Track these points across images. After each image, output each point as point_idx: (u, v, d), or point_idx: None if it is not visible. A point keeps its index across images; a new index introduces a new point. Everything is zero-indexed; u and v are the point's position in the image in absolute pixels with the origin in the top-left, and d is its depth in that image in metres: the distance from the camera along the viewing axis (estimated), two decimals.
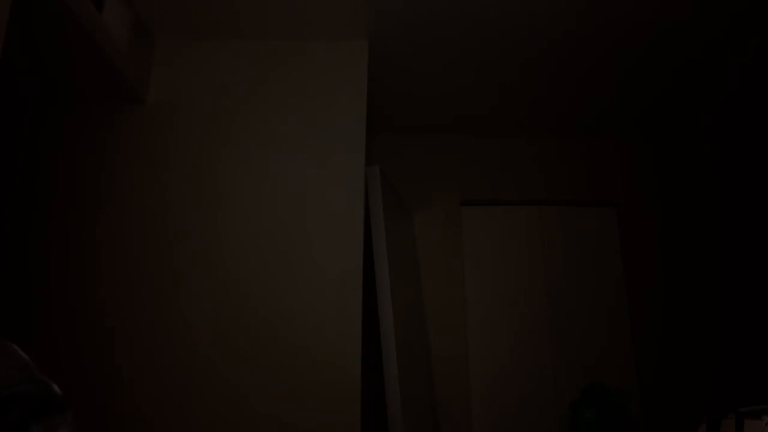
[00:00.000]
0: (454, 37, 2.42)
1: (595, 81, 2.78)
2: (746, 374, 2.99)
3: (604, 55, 2.56)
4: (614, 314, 3.12)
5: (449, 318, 3.11)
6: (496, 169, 3.33)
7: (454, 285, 3.16)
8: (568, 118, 3.18)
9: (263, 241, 2.21)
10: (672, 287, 3.16)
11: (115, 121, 2.32)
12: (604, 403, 2.54)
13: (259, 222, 2.23)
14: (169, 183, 2.26)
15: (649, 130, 3.30)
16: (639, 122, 3.22)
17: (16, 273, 2.15)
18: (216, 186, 2.26)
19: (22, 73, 2.17)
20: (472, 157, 3.35)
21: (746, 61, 2.59)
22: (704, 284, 3.14)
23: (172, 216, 2.22)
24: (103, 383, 2.05)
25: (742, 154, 3.34)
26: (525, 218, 3.26)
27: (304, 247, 2.21)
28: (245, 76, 2.39)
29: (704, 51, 2.52)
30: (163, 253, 2.18)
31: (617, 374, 3.02)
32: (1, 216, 2.21)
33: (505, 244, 3.22)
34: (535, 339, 3.08)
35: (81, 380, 2.04)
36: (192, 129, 2.32)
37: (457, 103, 3.00)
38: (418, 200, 3.27)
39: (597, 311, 3.11)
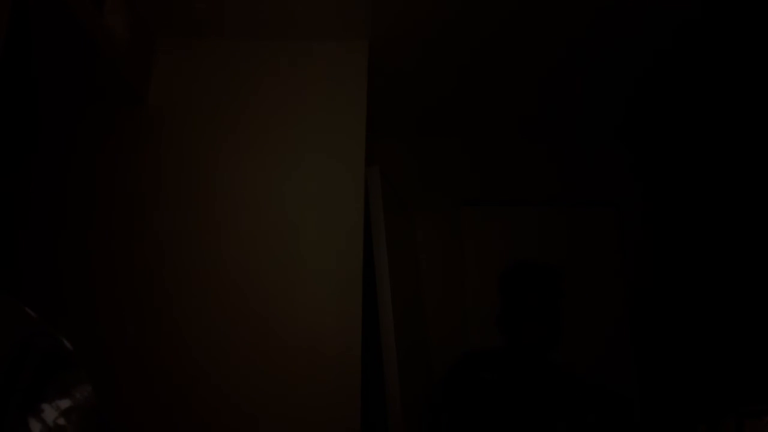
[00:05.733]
0: (456, 39, 2.42)
1: (595, 82, 2.78)
2: (746, 374, 2.99)
3: (605, 57, 2.56)
4: (614, 314, 3.12)
5: (449, 318, 3.11)
6: (496, 170, 3.33)
7: (454, 285, 3.16)
8: (568, 119, 3.18)
9: (262, 241, 2.21)
10: (671, 287, 3.16)
11: (115, 121, 2.31)
12: None
13: (258, 222, 2.23)
14: (168, 183, 2.25)
15: (648, 130, 3.30)
16: (638, 122, 3.22)
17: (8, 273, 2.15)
18: (216, 186, 2.26)
19: (22, 74, 2.16)
20: (472, 157, 3.35)
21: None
22: (704, 284, 3.14)
23: (172, 216, 2.22)
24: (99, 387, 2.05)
25: (741, 152, 3.34)
26: (525, 218, 3.26)
27: (304, 247, 2.21)
28: (245, 77, 2.38)
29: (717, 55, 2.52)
30: (161, 254, 2.18)
31: (617, 374, 3.02)
32: None
33: (505, 245, 3.21)
34: None
35: None
36: (192, 129, 2.32)
37: (457, 103, 3.00)
38: (418, 200, 3.26)
39: (596, 311, 3.11)
